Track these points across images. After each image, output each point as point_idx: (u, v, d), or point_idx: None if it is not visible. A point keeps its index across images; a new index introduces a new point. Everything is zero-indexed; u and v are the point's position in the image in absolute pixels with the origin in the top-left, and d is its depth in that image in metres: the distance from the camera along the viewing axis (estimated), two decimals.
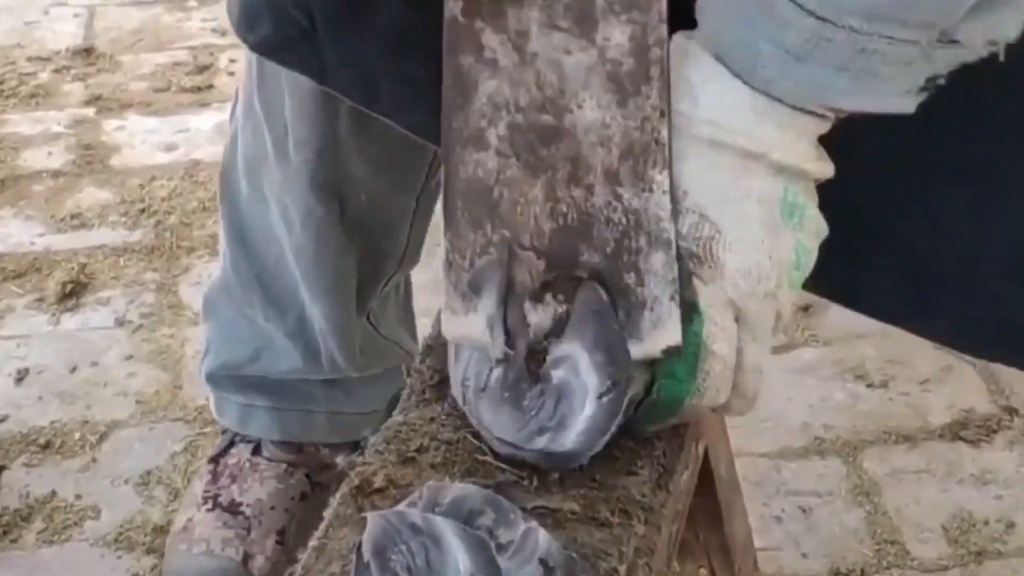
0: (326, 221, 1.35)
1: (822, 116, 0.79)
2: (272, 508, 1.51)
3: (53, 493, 1.65)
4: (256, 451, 1.55)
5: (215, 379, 1.54)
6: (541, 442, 0.81)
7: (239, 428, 1.55)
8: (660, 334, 0.78)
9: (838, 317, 1.90)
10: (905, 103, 0.79)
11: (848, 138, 0.83)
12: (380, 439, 0.86)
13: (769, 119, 0.78)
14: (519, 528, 0.73)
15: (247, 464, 1.54)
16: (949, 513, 1.62)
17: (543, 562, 0.73)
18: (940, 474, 1.68)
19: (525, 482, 0.82)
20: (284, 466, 1.53)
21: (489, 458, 0.84)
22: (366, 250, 1.40)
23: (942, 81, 0.78)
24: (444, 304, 0.81)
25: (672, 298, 0.77)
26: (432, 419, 0.87)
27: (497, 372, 0.82)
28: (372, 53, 0.98)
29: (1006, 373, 1.81)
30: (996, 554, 1.58)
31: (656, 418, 0.83)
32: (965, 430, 1.73)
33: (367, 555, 0.71)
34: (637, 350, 0.78)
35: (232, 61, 2.47)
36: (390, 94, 0.97)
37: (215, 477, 1.54)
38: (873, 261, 0.96)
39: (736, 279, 0.79)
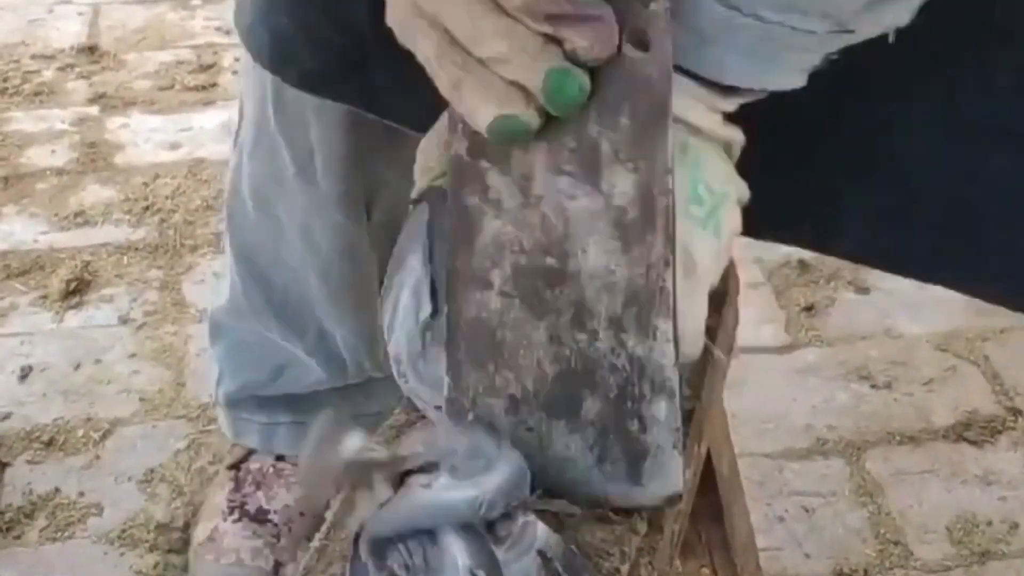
0: (354, 234, 1.33)
1: (720, 94, 0.81)
2: (301, 514, 1.50)
3: (56, 490, 1.65)
4: (280, 457, 1.53)
5: (233, 401, 1.52)
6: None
7: (262, 447, 1.53)
8: (662, 481, 0.79)
9: (841, 318, 1.90)
10: (797, 80, 0.81)
11: (881, 108, 0.86)
12: (380, 438, 0.86)
13: None
14: (517, 520, 0.73)
15: (271, 470, 1.53)
16: (953, 514, 1.62)
17: (541, 553, 0.73)
18: (944, 475, 1.67)
19: None
20: None
21: None
22: (389, 250, 1.39)
23: (834, 57, 0.81)
24: None
25: (675, 446, 0.78)
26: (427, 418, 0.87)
27: (430, 331, 0.82)
28: (426, 78, 0.95)
29: (1011, 374, 1.81)
30: (1000, 555, 1.58)
31: None
32: (969, 431, 1.73)
33: (364, 555, 0.71)
34: (639, 495, 0.79)
35: (236, 60, 2.47)
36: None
37: (238, 485, 1.53)
38: (920, 226, 0.97)
39: None
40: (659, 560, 0.81)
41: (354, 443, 0.74)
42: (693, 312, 0.81)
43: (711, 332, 0.88)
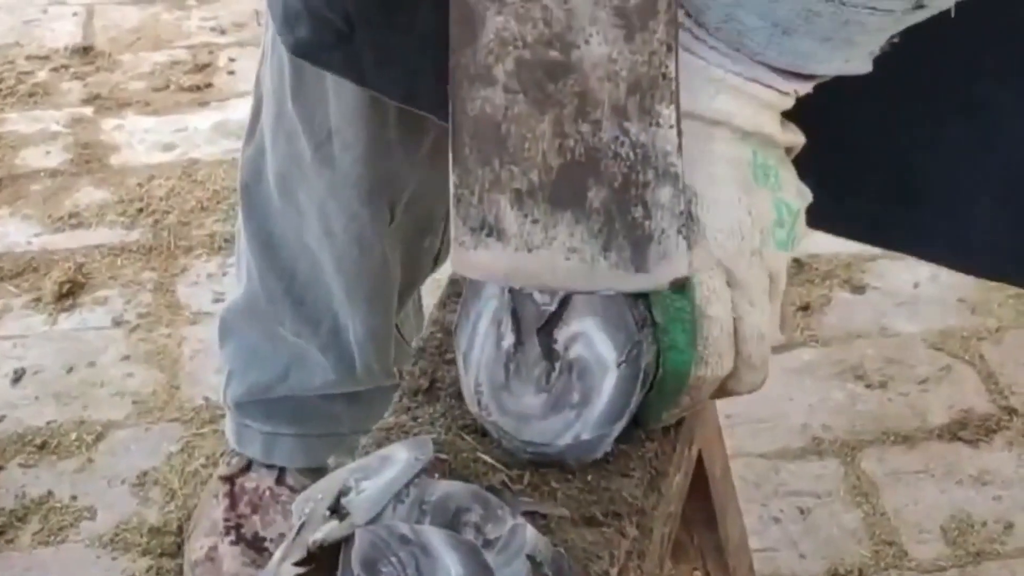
0: (371, 227, 1.34)
1: (782, 93, 0.83)
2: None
3: (49, 493, 1.64)
4: (279, 480, 1.53)
5: (240, 405, 1.52)
6: (567, 436, 0.81)
7: (263, 458, 1.53)
8: (667, 266, 0.79)
9: (837, 317, 1.90)
10: (867, 65, 0.84)
11: (890, 89, 0.87)
12: (371, 441, 0.85)
13: (724, 92, 0.82)
14: (507, 524, 0.73)
15: (267, 493, 1.52)
16: (947, 514, 1.62)
17: (531, 558, 0.73)
18: (939, 475, 1.67)
19: (517, 484, 0.82)
20: None
21: (481, 460, 0.83)
22: (409, 252, 1.39)
23: (896, 40, 0.83)
24: (453, 238, 0.81)
25: (679, 231, 0.78)
26: (424, 422, 0.87)
27: (513, 363, 0.82)
28: (409, 51, 1.00)
29: (1006, 373, 1.80)
30: (995, 555, 1.58)
31: (666, 399, 0.83)
32: (964, 430, 1.73)
33: (356, 569, 0.70)
34: (645, 281, 0.79)
35: (231, 60, 2.47)
36: (428, 91, 0.98)
37: (233, 502, 1.52)
38: (871, 192, 1.00)
39: (720, 239, 0.81)
40: (648, 563, 0.80)
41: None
42: (774, 330, 0.83)
43: None
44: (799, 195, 0.86)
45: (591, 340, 0.81)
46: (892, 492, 1.65)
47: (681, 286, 0.80)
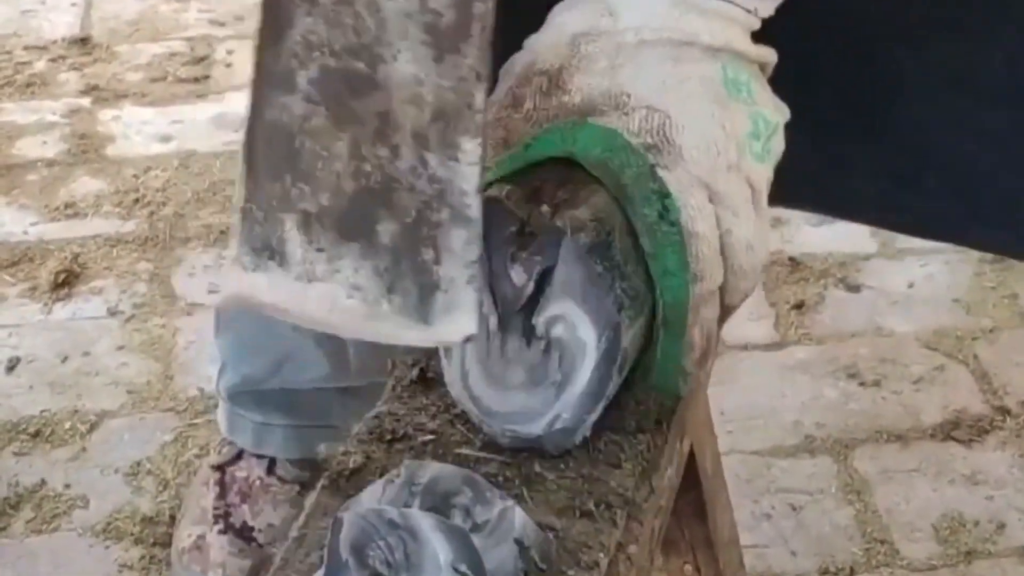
0: None
1: (747, 11, 0.83)
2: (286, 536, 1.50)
3: (42, 482, 1.65)
4: (269, 471, 1.53)
5: (233, 395, 1.52)
6: (548, 416, 0.81)
7: (254, 448, 1.53)
8: (451, 321, 0.73)
9: (831, 315, 1.90)
10: None
11: (895, 71, 0.88)
12: (363, 428, 0.85)
13: (691, 11, 0.82)
14: (496, 507, 0.73)
15: (257, 483, 1.52)
16: (939, 513, 1.62)
17: (518, 542, 0.73)
18: (931, 474, 1.67)
19: (508, 472, 0.82)
20: (297, 488, 1.52)
21: (473, 448, 0.83)
22: None
23: None
24: (232, 257, 0.75)
25: (469, 282, 0.73)
26: (416, 409, 0.87)
27: (498, 339, 0.82)
28: None
29: (1000, 373, 1.81)
30: (986, 554, 1.58)
31: (675, 332, 0.83)
32: (957, 430, 1.73)
33: (344, 553, 0.70)
34: (422, 335, 0.74)
35: (229, 52, 2.47)
36: None
37: (223, 491, 1.53)
38: (930, 186, 0.99)
39: (695, 156, 0.81)
40: (638, 554, 0.80)
41: None
42: (762, 241, 0.83)
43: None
44: (776, 109, 0.86)
45: (571, 322, 0.81)
46: (884, 490, 1.65)
47: (663, 207, 0.79)
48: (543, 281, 0.81)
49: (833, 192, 0.89)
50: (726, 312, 0.87)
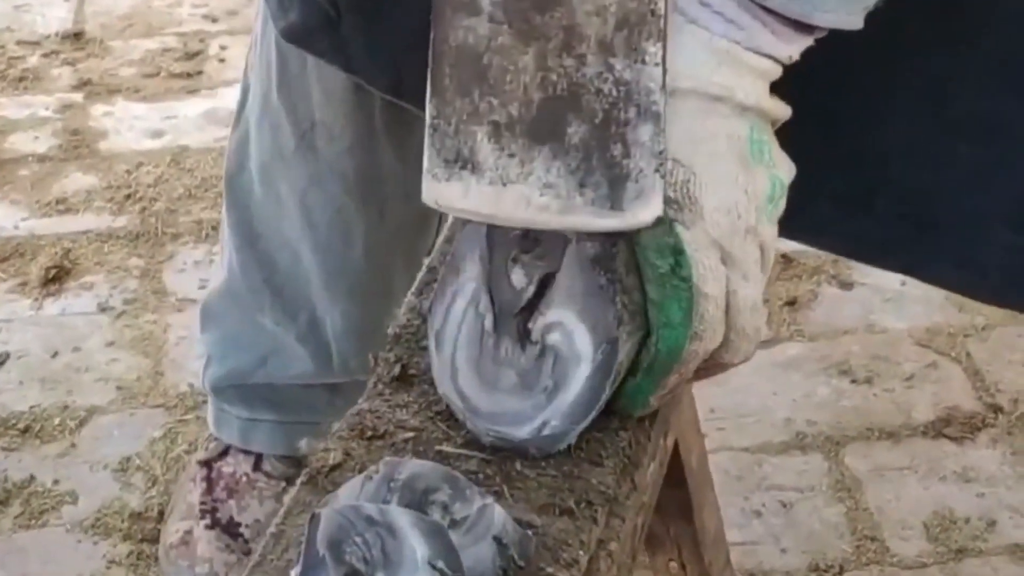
0: (356, 220, 1.34)
1: (775, 61, 0.83)
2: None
3: (31, 478, 1.64)
4: (256, 466, 1.53)
5: (218, 389, 1.52)
6: (536, 421, 0.81)
7: (241, 443, 1.53)
8: (642, 205, 0.78)
9: (823, 312, 1.90)
10: (860, 20, 0.84)
11: (861, 93, 0.88)
12: (343, 425, 0.85)
13: (726, 65, 0.82)
14: (475, 504, 0.73)
15: (244, 479, 1.52)
16: (930, 510, 1.62)
17: (497, 539, 0.73)
18: (922, 471, 1.67)
19: (488, 469, 0.81)
20: (284, 484, 1.52)
21: (453, 445, 0.83)
22: (408, 251, 1.39)
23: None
24: (426, 170, 0.81)
25: (657, 170, 0.78)
26: (397, 407, 0.87)
27: (491, 339, 0.82)
28: (395, 42, 1.00)
29: (992, 371, 1.80)
30: (976, 552, 1.57)
31: (656, 379, 0.83)
32: (949, 427, 1.73)
33: (322, 549, 0.70)
34: (618, 221, 0.78)
35: (222, 48, 2.46)
36: (413, 84, 0.97)
37: (210, 486, 1.52)
38: (883, 213, 0.99)
39: (716, 218, 0.81)
40: (620, 552, 0.80)
41: None
42: (760, 306, 0.83)
43: None
44: (789, 171, 0.86)
45: (569, 331, 0.81)
46: (875, 488, 1.64)
47: (676, 262, 0.79)
48: (544, 286, 0.81)
49: (794, 215, 0.89)
50: (723, 369, 0.87)
